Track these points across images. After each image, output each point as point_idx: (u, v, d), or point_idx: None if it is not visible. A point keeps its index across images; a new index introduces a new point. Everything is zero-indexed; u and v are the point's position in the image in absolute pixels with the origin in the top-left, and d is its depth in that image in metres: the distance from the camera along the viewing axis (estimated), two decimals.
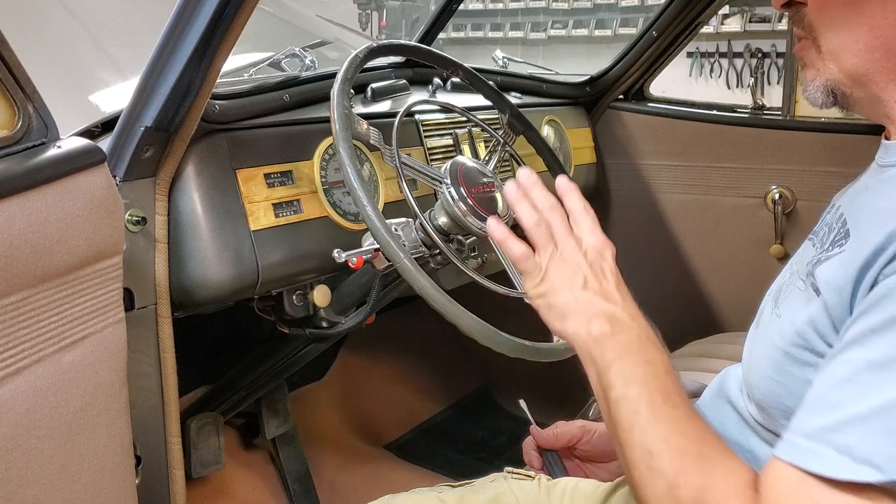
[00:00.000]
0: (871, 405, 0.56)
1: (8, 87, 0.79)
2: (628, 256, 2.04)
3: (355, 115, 1.09)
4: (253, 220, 1.12)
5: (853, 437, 0.56)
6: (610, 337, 0.74)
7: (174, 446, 1.10)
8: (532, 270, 0.82)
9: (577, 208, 0.85)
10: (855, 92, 0.75)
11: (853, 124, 1.72)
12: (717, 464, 0.64)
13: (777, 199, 1.82)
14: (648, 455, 0.66)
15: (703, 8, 1.80)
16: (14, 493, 0.79)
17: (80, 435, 0.87)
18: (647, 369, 0.71)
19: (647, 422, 0.67)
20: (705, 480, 0.63)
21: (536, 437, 1.18)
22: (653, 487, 0.66)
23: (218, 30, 0.92)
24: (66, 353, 0.85)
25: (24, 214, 0.78)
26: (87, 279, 0.87)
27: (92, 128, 1.07)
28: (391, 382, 2.25)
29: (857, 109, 0.77)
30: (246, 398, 1.64)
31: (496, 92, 1.37)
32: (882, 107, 0.74)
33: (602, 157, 2.03)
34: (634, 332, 0.74)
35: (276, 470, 1.81)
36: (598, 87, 1.99)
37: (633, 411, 0.69)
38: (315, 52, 1.63)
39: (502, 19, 5.46)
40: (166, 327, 1.07)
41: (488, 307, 1.09)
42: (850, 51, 0.72)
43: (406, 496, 1.05)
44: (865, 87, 0.74)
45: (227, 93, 1.18)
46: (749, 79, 4.58)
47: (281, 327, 1.30)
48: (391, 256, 0.98)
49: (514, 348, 1.00)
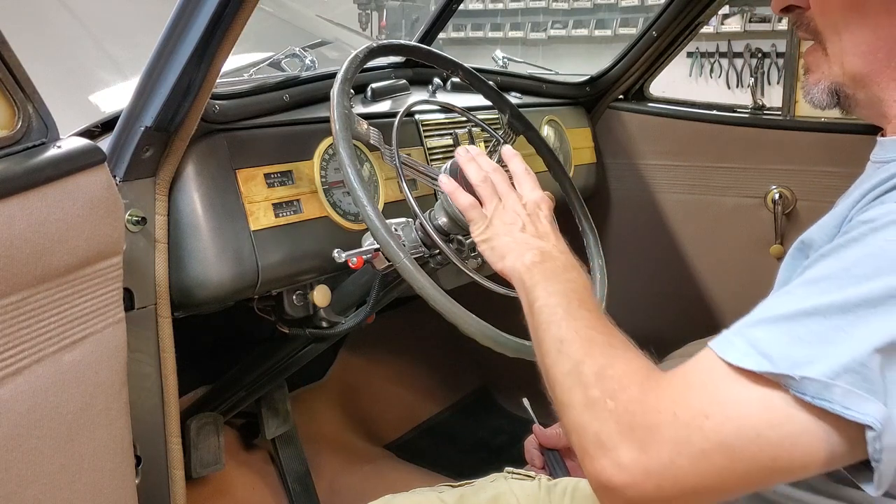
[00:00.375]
0: (787, 310, 0.61)
1: (8, 87, 0.79)
2: (628, 256, 2.07)
3: (355, 115, 1.09)
4: (253, 220, 1.12)
5: (761, 333, 0.61)
6: (539, 264, 0.86)
7: (174, 446, 1.10)
8: (478, 219, 0.98)
9: (520, 170, 1.03)
10: (857, 93, 0.76)
11: (853, 124, 1.72)
12: (621, 352, 0.71)
13: (777, 199, 1.82)
14: (560, 342, 0.74)
15: (703, 8, 1.80)
16: (14, 493, 0.79)
17: (80, 435, 0.87)
18: (566, 284, 0.81)
19: (561, 319, 0.76)
20: (608, 361, 0.69)
21: (539, 436, 1.19)
22: (560, 366, 0.72)
23: (218, 30, 0.92)
24: (66, 353, 0.85)
25: (24, 214, 0.78)
26: (87, 279, 0.87)
27: (92, 128, 1.07)
28: (391, 382, 2.25)
29: (857, 111, 0.78)
30: (246, 398, 1.64)
31: (496, 92, 1.37)
32: (881, 106, 0.75)
33: (602, 157, 2.03)
34: (560, 262, 0.87)
35: (276, 470, 1.80)
36: (598, 87, 1.99)
37: (551, 312, 0.78)
38: (315, 52, 1.62)
39: (502, 19, 5.46)
40: (166, 327, 1.07)
41: (488, 307, 1.09)
42: (853, 52, 0.73)
43: (406, 496, 1.06)
44: (867, 88, 0.75)
45: (227, 93, 1.18)
46: (749, 79, 4.58)
47: (281, 327, 1.30)
48: (391, 256, 0.98)
49: (515, 348, 1.00)
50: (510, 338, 1.00)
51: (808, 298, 0.61)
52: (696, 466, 0.61)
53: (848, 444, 0.59)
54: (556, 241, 0.91)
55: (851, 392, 0.57)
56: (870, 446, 0.58)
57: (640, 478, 0.62)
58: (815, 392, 0.58)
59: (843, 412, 0.57)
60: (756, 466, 0.60)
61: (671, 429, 0.61)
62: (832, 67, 0.76)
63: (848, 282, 0.60)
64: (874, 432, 0.57)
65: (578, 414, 0.68)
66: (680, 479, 0.61)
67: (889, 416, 0.57)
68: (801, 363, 0.58)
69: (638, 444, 0.62)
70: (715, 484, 0.61)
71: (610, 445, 0.63)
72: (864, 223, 0.63)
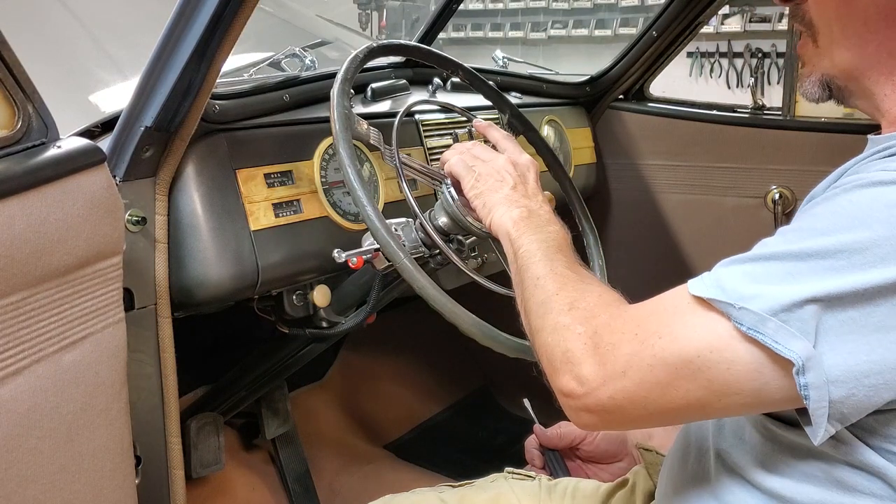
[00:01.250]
0: (754, 254, 0.67)
1: (8, 87, 0.79)
2: (628, 256, 2.06)
3: (355, 115, 1.09)
4: (253, 220, 1.12)
5: (725, 271, 0.68)
6: (525, 219, 0.93)
7: (174, 446, 1.10)
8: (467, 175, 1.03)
9: (499, 136, 1.09)
10: (849, 85, 0.77)
11: (853, 124, 1.72)
12: (593, 287, 0.80)
13: (777, 199, 1.82)
14: (536, 279, 0.83)
15: (703, 8, 1.80)
16: (14, 493, 0.79)
17: (80, 435, 0.87)
18: (548, 235, 0.90)
19: (539, 260, 0.85)
20: (580, 294, 0.78)
21: (540, 436, 1.19)
22: (536, 297, 0.81)
23: (218, 30, 0.92)
24: (66, 353, 0.85)
25: (23, 214, 0.78)
26: (86, 279, 0.87)
27: (92, 128, 1.07)
28: (391, 382, 2.25)
29: (852, 103, 0.78)
30: (246, 398, 1.64)
31: (496, 92, 1.37)
32: (874, 99, 0.75)
33: (602, 157, 2.03)
34: (544, 218, 0.94)
35: (276, 470, 1.81)
36: (598, 87, 1.99)
37: (531, 255, 0.87)
38: (315, 52, 1.63)
39: (502, 19, 5.46)
40: (166, 327, 1.07)
41: (488, 307, 1.09)
42: (844, 45, 0.74)
43: (406, 496, 1.06)
44: (858, 81, 0.75)
45: (227, 93, 1.18)
46: (749, 79, 4.58)
47: (281, 327, 1.30)
48: (391, 256, 0.98)
49: (515, 348, 1.00)
50: (510, 338, 1.00)
51: (774, 246, 0.67)
52: (643, 379, 0.68)
53: (778, 380, 0.64)
54: (541, 204, 0.98)
55: (782, 328, 0.62)
56: (796, 382, 0.62)
57: (597, 386, 0.70)
58: (751, 323, 0.63)
59: (773, 345, 0.62)
60: (694, 386, 0.66)
61: (629, 345, 0.69)
62: (822, 59, 0.77)
63: (809, 234, 0.64)
64: (796, 367, 0.61)
65: (549, 334, 0.76)
66: (629, 390, 0.68)
67: (814, 356, 0.61)
68: (746, 297, 0.64)
69: (599, 358, 0.70)
70: (658, 399, 0.68)
71: (575, 361, 0.71)
72: (837, 187, 0.67)
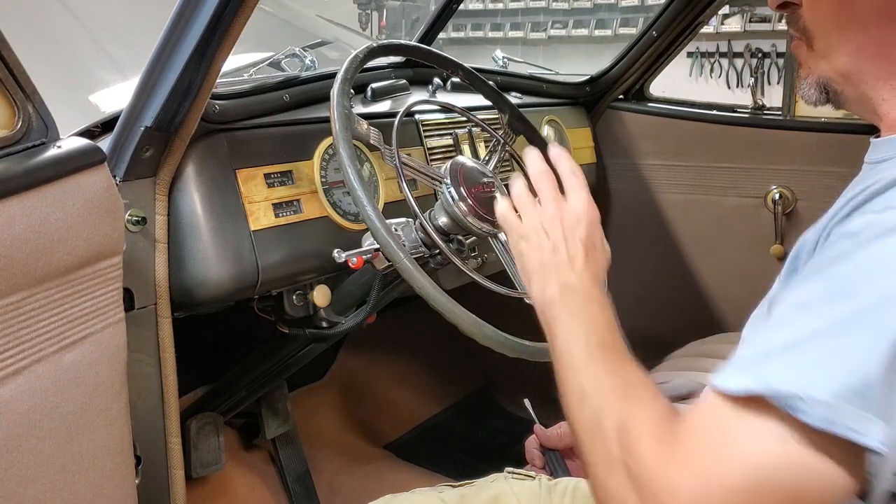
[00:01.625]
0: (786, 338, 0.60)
1: (8, 87, 0.79)
2: (628, 256, 2.06)
3: (355, 115, 1.09)
4: (253, 220, 1.12)
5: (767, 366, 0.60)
6: (559, 300, 0.83)
7: (174, 446, 1.10)
8: (509, 231, 0.92)
9: (566, 171, 0.92)
10: (846, 90, 0.76)
11: (853, 124, 1.72)
12: (639, 398, 0.70)
13: (777, 199, 1.82)
14: (581, 391, 0.74)
15: (703, 8, 1.80)
16: (14, 493, 0.79)
17: (80, 435, 0.87)
18: (586, 324, 0.79)
19: (581, 364, 0.76)
20: (627, 412, 0.69)
21: (540, 436, 1.19)
22: (582, 417, 0.73)
23: (218, 30, 0.92)
24: (66, 353, 0.85)
25: (23, 214, 0.78)
26: (86, 279, 0.87)
27: (92, 128, 1.07)
28: (391, 382, 2.25)
29: (849, 107, 0.78)
30: (246, 398, 1.64)
31: (496, 92, 1.37)
32: (871, 103, 0.75)
33: (602, 157, 2.03)
34: (581, 295, 0.83)
35: (276, 470, 1.80)
36: (598, 87, 1.99)
37: (570, 356, 0.77)
38: (315, 52, 1.63)
39: (502, 19, 5.46)
40: (166, 327, 1.07)
41: (488, 307, 1.09)
42: (841, 50, 0.74)
43: (406, 496, 1.06)
44: (855, 86, 0.75)
45: (227, 93, 1.18)
46: (749, 79, 4.57)
47: (281, 327, 1.30)
48: (391, 256, 0.98)
49: (515, 348, 1.00)
50: (510, 338, 0.99)
51: (805, 322, 0.60)
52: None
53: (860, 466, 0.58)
54: (583, 271, 0.85)
55: (855, 413, 0.55)
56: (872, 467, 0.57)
57: None
58: (820, 415, 0.56)
59: (848, 434, 0.55)
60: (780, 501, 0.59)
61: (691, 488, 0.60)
62: (818, 62, 0.76)
63: (841, 297, 0.59)
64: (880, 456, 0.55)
65: (602, 473, 0.68)
66: None
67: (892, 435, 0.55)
68: (805, 385, 0.57)
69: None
70: None
71: None
72: (847, 237, 0.62)
